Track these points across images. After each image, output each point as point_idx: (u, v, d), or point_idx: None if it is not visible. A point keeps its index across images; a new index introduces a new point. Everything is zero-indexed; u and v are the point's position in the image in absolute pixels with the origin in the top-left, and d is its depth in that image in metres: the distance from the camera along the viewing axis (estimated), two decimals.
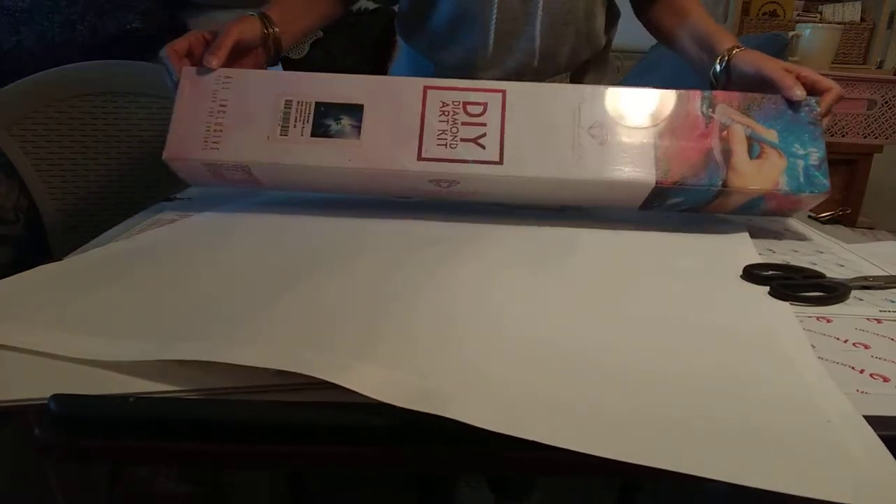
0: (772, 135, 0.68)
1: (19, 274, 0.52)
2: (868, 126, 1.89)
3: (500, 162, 0.65)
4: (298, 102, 0.66)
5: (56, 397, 0.35)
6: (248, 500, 0.99)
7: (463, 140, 0.66)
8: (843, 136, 1.89)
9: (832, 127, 1.88)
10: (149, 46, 1.54)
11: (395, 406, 0.33)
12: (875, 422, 0.34)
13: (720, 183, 0.65)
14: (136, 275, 0.53)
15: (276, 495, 1.08)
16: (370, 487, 1.20)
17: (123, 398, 0.36)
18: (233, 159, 0.65)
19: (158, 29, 1.51)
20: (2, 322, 0.43)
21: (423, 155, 0.65)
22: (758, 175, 0.66)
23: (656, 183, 0.64)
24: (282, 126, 0.65)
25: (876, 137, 1.90)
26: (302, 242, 0.61)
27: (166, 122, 0.68)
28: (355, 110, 0.66)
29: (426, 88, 0.67)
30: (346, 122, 0.66)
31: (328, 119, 0.66)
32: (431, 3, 0.87)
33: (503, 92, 0.68)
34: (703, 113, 0.67)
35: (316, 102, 0.66)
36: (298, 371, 0.35)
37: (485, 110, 0.67)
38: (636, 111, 0.68)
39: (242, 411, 0.35)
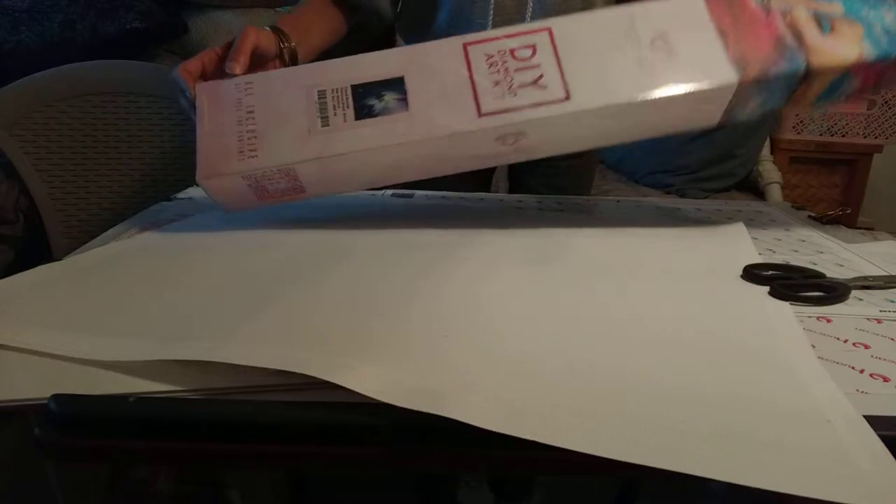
0: (836, 7, 0.62)
1: (19, 274, 0.52)
2: (868, 126, 1.89)
3: (567, 97, 0.59)
4: (333, 90, 0.60)
5: (56, 397, 0.35)
6: (248, 500, 0.99)
7: (521, 86, 0.59)
8: (843, 136, 1.89)
9: (832, 127, 1.88)
10: (149, 46, 1.54)
11: (394, 406, 0.33)
12: (875, 422, 0.34)
13: (803, 64, 0.59)
14: (135, 275, 0.53)
15: (277, 495, 1.08)
16: (370, 488, 1.20)
17: (123, 398, 0.36)
18: (275, 163, 0.58)
19: (158, 29, 1.51)
20: (2, 322, 0.43)
21: (484, 110, 0.59)
22: (838, 47, 0.60)
23: (739, 81, 0.59)
24: (321, 117, 0.59)
25: (876, 137, 1.90)
26: (301, 243, 0.61)
27: (166, 121, 0.67)
28: (396, 84, 0.60)
29: (466, 45, 0.62)
30: (389, 97, 0.59)
31: (369, 99, 0.59)
32: (432, 5, 0.87)
33: (548, 30, 0.62)
34: (760, 4, 0.62)
35: (351, 86, 0.60)
36: (298, 371, 0.35)
37: (534, 52, 0.61)
38: (692, 17, 0.62)
39: (242, 411, 0.35)
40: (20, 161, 1.13)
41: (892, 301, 0.52)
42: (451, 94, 0.60)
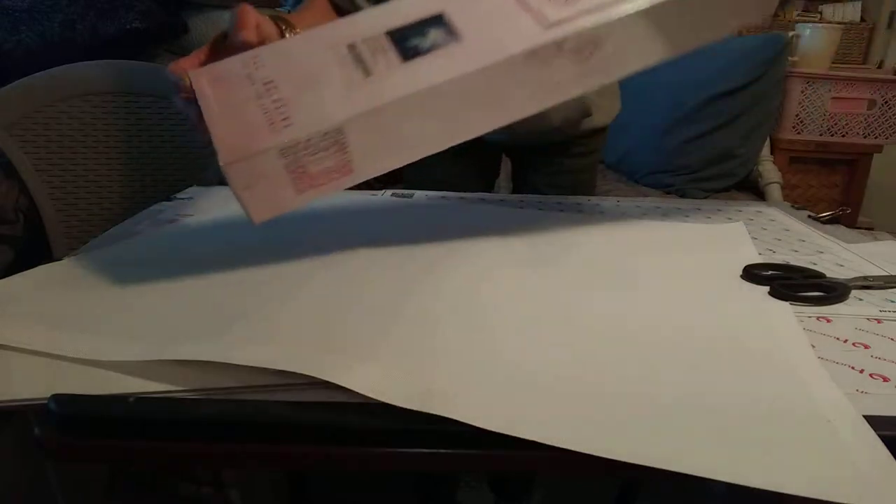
0: None
1: (19, 274, 0.52)
2: (868, 126, 1.89)
3: None
4: (364, 40, 0.50)
5: (56, 397, 0.35)
6: (248, 501, 0.99)
7: None
8: (843, 136, 1.89)
9: (832, 127, 1.88)
10: (149, 46, 1.54)
11: (395, 406, 0.34)
12: (875, 421, 0.34)
13: None
14: (135, 275, 0.53)
15: (277, 495, 1.08)
16: (370, 488, 1.20)
17: (123, 398, 0.36)
18: (320, 127, 0.47)
19: (158, 29, 1.51)
20: (2, 322, 0.43)
21: (551, 19, 0.51)
22: None
23: None
24: (361, 68, 0.49)
25: (876, 137, 1.90)
26: (302, 243, 0.61)
27: (166, 122, 0.66)
28: (435, 22, 0.51)
29: None
30: (434, 33, 0.50)
31: (410, 40, 0.50)
32: None
33: None
34: None
35: (385, 33, 0.51)
36: (299, 371, 0.35)
37: None
38: None
39: (242, 411, 0.35)
40: (20, 161, 1.13)
41: (892, 301, 0.52)
42: (509, 15, 0.52)
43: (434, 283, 0.51)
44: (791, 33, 1.82)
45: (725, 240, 0.67)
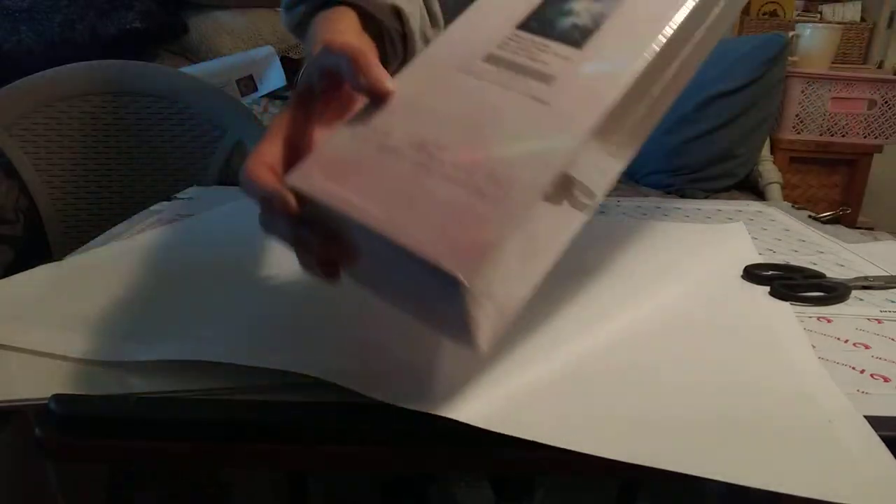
0: None
1: (19, 274, 0.52)
2: (868, 126, 1.89)
3: None
4: (500, 46, 0.37)
5: (56, 397, 0.35)
6: (249, 500, 0.99)
7: None
8: (843, 136, 1.89)
9: (832, 127, 1.88)
10: (149, 46, 1.54)
11: (395, 406, 0.33)
12: (875, 422, 0.34)
13: None
14: (135, 275, 0.53)
15: (277, 495, 1.08)
16: (370, 487, 1.19)
17: (123, 398, 0.36)
18: (550, 171, 0.32)
19: (158, 29, 1.52)
20: (2, 322, 0.43)
21: None
22: None
23: None
24: (530, 76, 0.35)
25: (876, 137, 1.90)
26: None
27: (166, 122, 0.65)
28: None
29: None
30: (580, 3, 0.39)
31: (560, 21, 0.38)
32: None
33: None
34: None
35: (517, 29, 0.38)
36: (300, 371, 0.35)
37: None
38: None
39: (242, 411, 0.35)
40: (20, 161, 1.13)
41: (893, 301, 0.52)
42: None
43: None
44: (791, 33, 1.82)
45: (725, 240, 0.67)
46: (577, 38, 0.37)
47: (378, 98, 0.34)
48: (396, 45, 0.54)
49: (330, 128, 0.38)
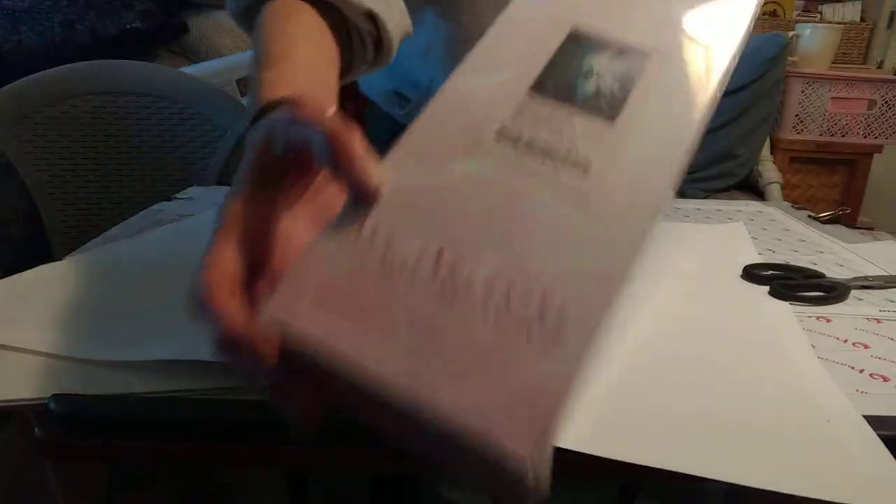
0: None
1: (19, 274, 0.52)
2: (868, 126, 1.89)
3: None
4: (514, 117, 0.30)
5: (56, 397, 0.35)
6: (249, 500, 0.99)
7: None
8: (843, 136, 1.89)
9: (832, 127, 1.88)
10: (149, 46, 1.54)
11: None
12: (875, 421, 0.34)
13: None
14: (135, 275, 0.53)
15: (276, 495, 1.08)
16: (370, 488, 1.20)
17: (123, 398, 0.36)
18: (606, 295, 0.27)
19: (158, 29, 1.52)
20: (2, 322, 0.43)
21: None
22: None
23: None
24: (558, 161, 0.29)
25: (876, 137, 1.90)
26: None
27: (166, 122, 0.64)
28: (585, 41, 0.34)
29: None
30: (600, 59, 0.33)
31: (583, 84, 0.32)
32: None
33: None
34: None
35: (530, 90, 0.31)
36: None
37: None
38: None
39: (242, 411, 0.35)
40: (20, 161, 1.13)
41: (892, 301, 0.52)
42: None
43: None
44: (791, 33, 1.82)
45: (725, 240, 0.67)
46: (605, 108, 0.31)
47: (364, 196, 0.26)
48: (368, 47, 0.49)
49: (297, 218, 0.30)
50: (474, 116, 0.30)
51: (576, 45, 0.33)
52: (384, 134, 0.91)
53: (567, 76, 0.32)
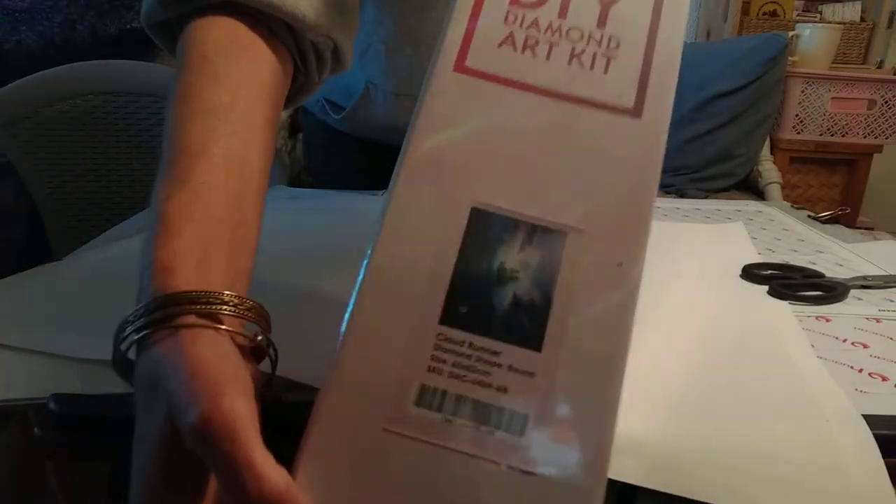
0: None
1: (19, 274, 0.52)
2: (868, 126, 1.89)
3: None
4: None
5: (56, 397, 0.35)
6: None
7: None
8: (843, 136, 1.89)
9: (832, 127, 1.88)
10: (149, 46, 1.54)
11: None
12: (874, 421, 0.34)
13: None
14: (136, 275, 0.53)
15: None
16: None
17: (123, 398, 0.36)
18: None
19: None
20: (2, 322, 0.43)
21: None
22: None
23: None
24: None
25: (876, 137, 1.90)
26: (304, 241, 0.61)
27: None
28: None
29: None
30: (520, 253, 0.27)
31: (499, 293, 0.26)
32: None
33: None
34: None
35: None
36: (297, 380, 0.36)
37: None
38: None
39: None
40: (20, 161, 1.13)
41: (891, 301, 0.52)
42: None
43: None
44: (791, 33, 1.82)
45: (725, 239, 0.67)
46: (530, 329, 0.25)
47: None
48: (326, 61, 0.44)
49: None
50: (385, 372, 0.24)
51: (482, 231, 0.26)
52: (320, 139, 0.92)
53: (479, 285, 0.25)
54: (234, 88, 0.35)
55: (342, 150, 0.91)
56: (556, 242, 0.26)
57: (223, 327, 0.27)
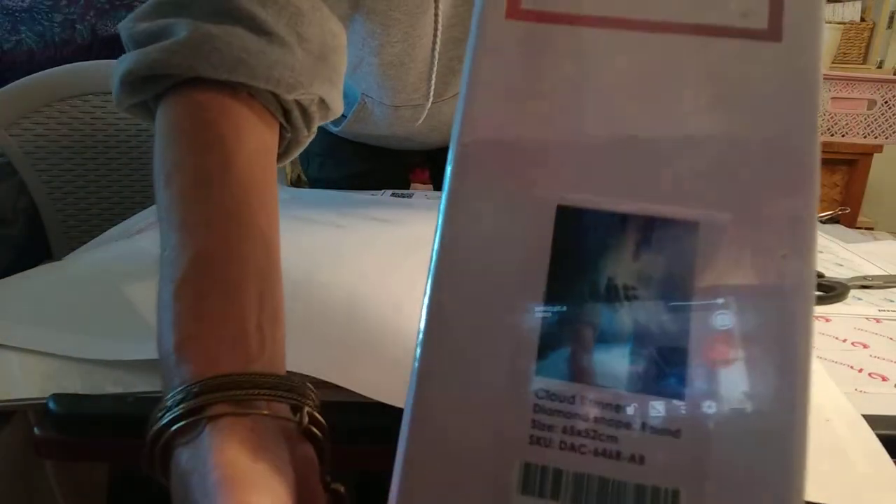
0: None
1: (19, 274, 0.52)
2: (868, 126, 1.89)
3: None
4: None
5: (56, 397, 0.35)
6: None
7: None
8: (843, 136, 1.89)
9: (832, 127, 1.88)
10: None
11: (394, 406, 0.34)
12: (874, 421, 0.34)
13: None
14: (135, 275, 0.53)
15: None
16: (369, 486, 1.20)
17: (123, 398, 0.36)
18: None
19: None
20: (2, 322, 0.43)
21: None
22: None
23: None
24: None
25: (876, 137, 1.90)
26: (303, 241, 0.61)
27: None
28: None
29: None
30: None
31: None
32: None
33: None
34: None
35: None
36: (299, 371, 0.35)
37: None
38: None
39: None
40: (20, 161, 1.13)
41: (891, 300, 0.52)
42: None
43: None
44: None
45: None
46: (665, 369, 0.19)
47: None
48: (313, 117, 0.45)
49: None
50: (477, 454, 0.19)
51: (575, 237, 0.19)
52: (320, 147, 0.92)
53: (584, 320, 0.18)
54: (227, 159, 0.35)
55: (342, 156, 0.92)
56: (685, 239, 0.19)
57: (263, 412, 0.25)
